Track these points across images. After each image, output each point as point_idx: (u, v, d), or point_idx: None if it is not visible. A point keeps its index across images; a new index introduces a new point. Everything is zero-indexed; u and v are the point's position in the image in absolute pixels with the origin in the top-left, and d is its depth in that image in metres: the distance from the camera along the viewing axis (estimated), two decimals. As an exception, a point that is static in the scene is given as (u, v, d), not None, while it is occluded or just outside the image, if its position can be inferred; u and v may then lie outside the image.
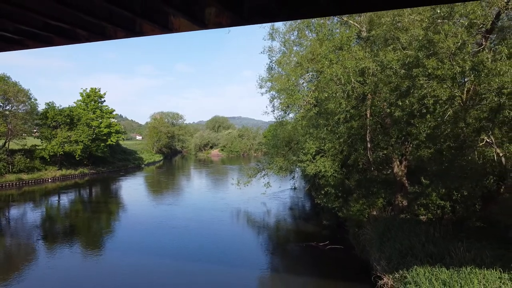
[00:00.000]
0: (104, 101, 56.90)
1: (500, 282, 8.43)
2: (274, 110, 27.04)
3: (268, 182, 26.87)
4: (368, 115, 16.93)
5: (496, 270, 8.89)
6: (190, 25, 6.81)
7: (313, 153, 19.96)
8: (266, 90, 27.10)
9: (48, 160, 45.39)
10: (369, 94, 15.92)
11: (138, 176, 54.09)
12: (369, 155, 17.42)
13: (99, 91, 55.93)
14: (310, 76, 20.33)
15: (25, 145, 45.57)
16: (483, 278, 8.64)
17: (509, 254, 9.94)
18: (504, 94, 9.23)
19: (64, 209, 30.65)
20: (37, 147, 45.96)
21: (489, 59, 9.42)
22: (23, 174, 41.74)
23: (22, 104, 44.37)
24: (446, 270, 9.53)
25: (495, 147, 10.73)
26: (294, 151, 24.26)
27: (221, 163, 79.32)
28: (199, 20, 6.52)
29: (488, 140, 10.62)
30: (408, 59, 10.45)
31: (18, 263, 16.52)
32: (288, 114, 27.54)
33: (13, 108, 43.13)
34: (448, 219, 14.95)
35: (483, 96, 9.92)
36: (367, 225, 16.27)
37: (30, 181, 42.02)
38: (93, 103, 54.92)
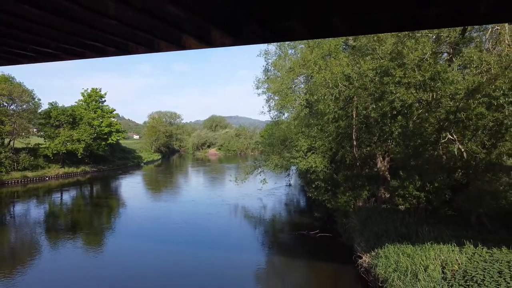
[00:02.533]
0: (105, 100, 58.45)
1: (452, 253, 10.20)
2: (270, 110, 28.78)
3: (264, 179, 28.56)
4: (354, 116, 18.67)
5: (451, 245, 10.68)
6: (199, 44, 8.50)
7: (305, 150, 21.67)
8: (263, 91, 28.89)
9: (51, 158, 46.84)
10: (354, 97, 17.67)
11: (137, 174, 55.60)
12: (355, 152, 19.19)
13: (100, 91, 57.41)
14: (302, 79, 22.05)
15: (29, 143, 46.97)
16: (439, 251, 10.41)
17: (466, 234, 11.71)
18: (456, 99, 10.99)
19: (69, 205, 32.16)
20: (40, 146, 47.40)
21: (453, 69, 11.18)
22: (27, 172, 43.17)
23: (26, 104, 45.83)
24: (411, 246, 11.30)
25: (458, 143, 12.51)
26: (289, 148, 25.98)
27: (218, 162, 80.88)
28: (207, 41, 8.21)
29: (451, 138, 12.39)
30: (381, 68, 12.20)
31: (23, 256, 17.47)
32: (284, 114, 29.34)
33: (18, 108, 44.54)
34: (424, 208, 16.73)
35: (440, 100, 11.67)
36: (353, 214, 18.04)
37: (34, 178, 43.48)
38: (94, 102, 56.39)
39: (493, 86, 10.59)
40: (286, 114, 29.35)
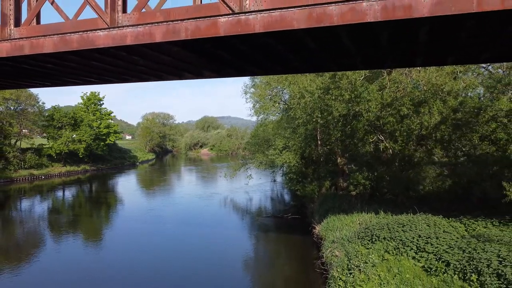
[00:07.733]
0: (103, 103, 62.22)
1: (369, 218, 14.78)
2: (256, 114, 33.29)
3: (250, 175, 33.00)
4: (318, 120, 23.20)
5: (370, 213, 15.29)
6: (195, 77, 12.90)
7: (281, 149, 26.18)
8: (250, 96, 33.39)
9: (55, 157, 50.53)
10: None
11: (134, 172, 59.48)
12: (319, 149, 23.74)
13: (98, 94, 61.20)
14: (277, 90, 26.60)
15: (33, 144, 50.58)
16: (361, 217, 15.01)
17: (388, 209, 16.26)
18: (372, 112, 15.52)
19: (72, 200, 35.58)
20: (44, 146, 51.03)
21: (370, 90, 15.74)
22: (33, 170, 46.84)
23: (31, 107, 49.50)
24: (346, 215, 15.83)
25: (385, 142, 17.08)
26: (269, 148, 30.44)
27: (210, 162, 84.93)
28: (200, 75, 12.61)
29: (380, 138, 16.93)
30: (324, 88, 16.69)
31: (30, 245, 19.32)
32: (269, 117, 33.85)
33: (23, 111, 48.18)
34: (370, 193, 21.35)
35: (362, 113, 16.20)
36: (316, 200, 22.58)
37: (40, 176, 47.16)
38: (93, 105, 60.13)
39: (401, 101, 15.12)
40: (270, 117, 33.95)
